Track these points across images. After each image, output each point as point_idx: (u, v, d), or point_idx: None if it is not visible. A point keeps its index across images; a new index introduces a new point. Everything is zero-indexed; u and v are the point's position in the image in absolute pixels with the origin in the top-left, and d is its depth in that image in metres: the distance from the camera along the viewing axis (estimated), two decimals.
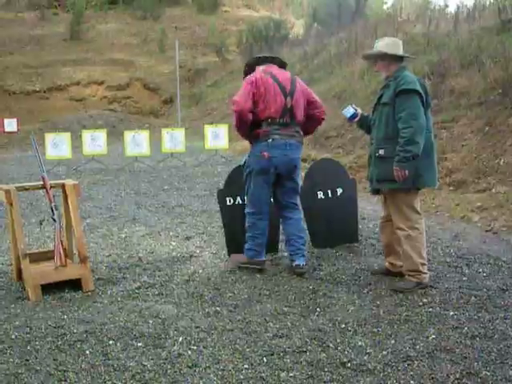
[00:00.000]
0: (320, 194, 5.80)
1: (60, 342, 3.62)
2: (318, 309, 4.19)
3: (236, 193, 5.40)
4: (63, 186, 4.71)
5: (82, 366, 3.31)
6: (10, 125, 20.11)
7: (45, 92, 27.55)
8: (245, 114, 4.75)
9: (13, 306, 4.32)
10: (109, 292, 4.57)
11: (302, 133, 5.01)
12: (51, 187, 4.58)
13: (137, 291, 4.59)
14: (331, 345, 3.57)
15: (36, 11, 36.02)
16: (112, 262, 5.42)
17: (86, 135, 13.24)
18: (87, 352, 3.48)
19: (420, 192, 4.74)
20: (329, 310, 4.18)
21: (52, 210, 4.54)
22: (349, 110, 4.94)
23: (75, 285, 4.61)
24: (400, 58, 4.64)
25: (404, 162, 4.30)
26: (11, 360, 3.39)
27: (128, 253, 5.75)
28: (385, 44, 4.61)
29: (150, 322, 3.94)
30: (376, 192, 4.83)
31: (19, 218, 4.55)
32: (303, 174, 5.88)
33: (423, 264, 4.58)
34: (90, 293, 4.54)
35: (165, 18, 36.07)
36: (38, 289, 4.44)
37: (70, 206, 4.65)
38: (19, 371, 3.25)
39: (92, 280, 4.65)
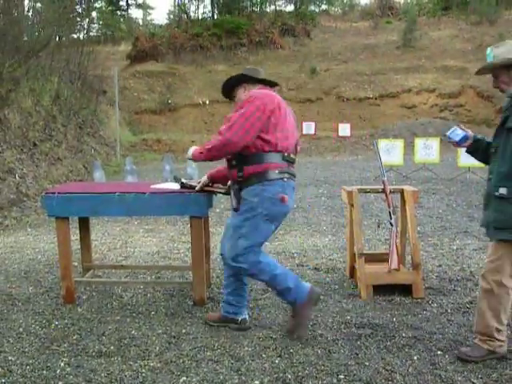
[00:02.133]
0: None
1: (389, 343, 3.72)
2: None
3: None
4: (402, 191, 4.82)
5: (409, 370, 3.34)
6: (344, 130, 21.31)
7: (376, 99, 28.31)
8: (235, 149, 3.67)
9: (345, 301, 4.59)
10: (438, 302, 4.52)
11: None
12: (391, 192, 4.72)
13: (467, 306, 4.44)
14: None
15: (369, 20, 37.48)
16: (443, 272, 5.35)
17: (419, 143, 13.31)
18: (415, 358, 3.51)
19: None
20: None
21: (390, 215, 4.66)
22: (456, 132, 3.80)
23: (405, 290, 4.68)
24: None
25: None
26: (342, 351, 3.61)
27: (459, 265, 5.60)
28: (507, 50, 3.48)
29: None
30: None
31: (359, 219, 4.80)
32: None
33: (499, 330, 3.51)
34: (419, 300, 4.56)
35: (502, 22, 34.03)
36: (370, 288, 4.63)
37: (408, 212, 4.72)
38: (349, 363, 3.44)
39: (422, 288, 4.66)
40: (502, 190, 3.40)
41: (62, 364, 3.45)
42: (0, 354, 3.59)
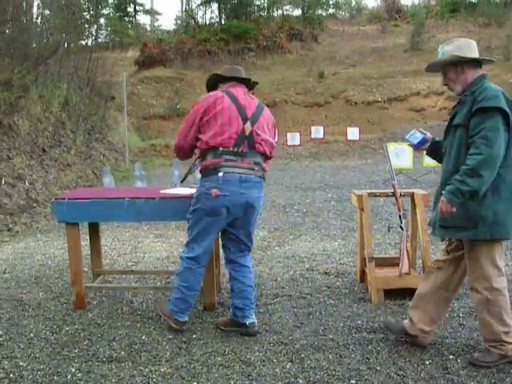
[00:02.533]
0: None
1: (400, 348, 3.70)
2: None
3: None
4: (412, 195, 4.80)
5: (421, 375, 3.33)
6: (353, 133, 21.28)
7: (384, 102, 28.23)
8: (185, 151, 4.02)
9: (355, 305, 4.58)
10: (450, 306, 4.47)
11: (264, 167, 3.99)
12: (401, 195, 4.70)
13: None
14: None
15: (377, 24, 37.45)
16: None
17: None
18: (427, 362, 3.50)
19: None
20: None
21: (400, 218, 4.65)
22: (415, 135, 3.81)
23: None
24: (477, 64, 3.51)
25: (456, 196, 3.24)
26: (353, 356, 3.60)
27: None
28: (456, 47, 3.48)
29: None
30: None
31: (369, 223, 4.79)
32: None
33: (507, 333, 3.45)
34: None
35: (510, 24, 33.86)
36: (381, 293, 4.62)
37: (418, 216, 4.71)
38: (360, 368, 3.43)
39: None
40: None
41: (73, 369, 3.45)
42: (11, 360, 3.60)
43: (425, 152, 3.91)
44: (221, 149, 3.78)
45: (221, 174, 3.76)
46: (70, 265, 4.54)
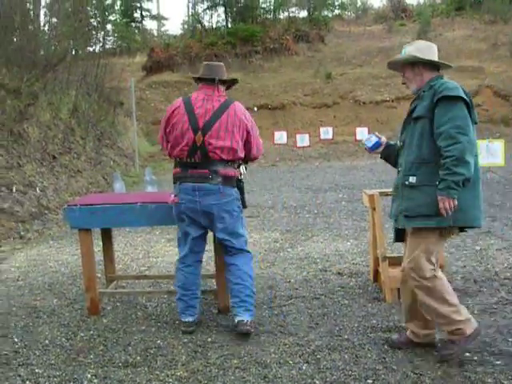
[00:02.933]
0: None
1: (416, 346, 3.67)
2: None
3: None
4: None
5: (438, 373, 3.30)
6: (362, 134, 21.20)
7: (393, 101, 28.14)
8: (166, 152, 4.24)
9: (370, 305, 4.56)
10: (464, 304, 4.42)
11: (227, 172, 3.96)
12: None
13: (494, 306, 4.39)
14: None
15: (383, 24, 37.37)
16: (467, 273, 5.29)
17: None
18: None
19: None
20: None
21: None
22: (371, 139, 3.92)
23: None
24: (435, 67, 3.61)
25: (453, 188, 3.24)
26: (369, 356, 3.58)
27: (484, 266, 5.54)
28: (416, 48, 3.59)
29: (510, 340, 3.73)
30: (399, 238, 3.74)
31: (381, 222, 4.77)
32: None
33: (456, 311, 3.46)
34: None
35: None
36: (395, 292, 4.59)
37: None
38: (376, 367, 3.41)
39: None
40: (412, 179, 3.45)
41: (89, 375, 3.45)
42: (27, 367, 3.61)
43: (379, 156, 4.03)
44: (178, 160, 4.02)
45: (177, 184, 4.01)
46: (84, 271, 4.55)
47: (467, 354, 3.52)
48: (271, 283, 5.29)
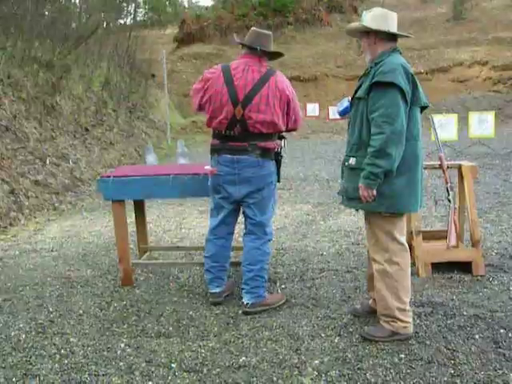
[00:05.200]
0: None
1: (449, 322, 3.64)
2: None
3: None
4: (460, 167, 4.67)
5: (472, 349, 3.26)
6: None
7: (427, 74, 27.59)
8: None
9: None
10: (499, 279, 4.40)
11: (265, 145, 3.86)
12: (448, 167, 4.58)
13: None
14: None
15: None
16: (503, 249, 5.19)
17: (473, 117, 12.91)
18: (476, 336, 3.43)
19: None
20: None
21: (447, 191, 4.53)
22: (343, 103, 3.73)
23: (464, 267, 4.57)
24: (392, 37, 3.43)
25: (372, 179, 3.18)
26: None
27: None
28: (370, 17, 3.39)
29: None
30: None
31: None
32: None
33: (401, 309, 3.42)
34: (479, 278, 4.45)
35: None
36: (429, 266, 4.54)
37: (466, 188, 4.59)
38: (409, 342, 3.38)
39: (483, 265, 4.53)
40: (352, 161, 3.39)
41: (123, 345, 3.50)
42: (62, 336, 3.67)
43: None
44: (216, 131, 3.93)
45: (216, 156, 3.93)
46: (117, 242, 4.58)
47: (502, 331, 3.47)
48: (303, 256, 5.27)
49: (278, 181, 4.11)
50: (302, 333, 3.56)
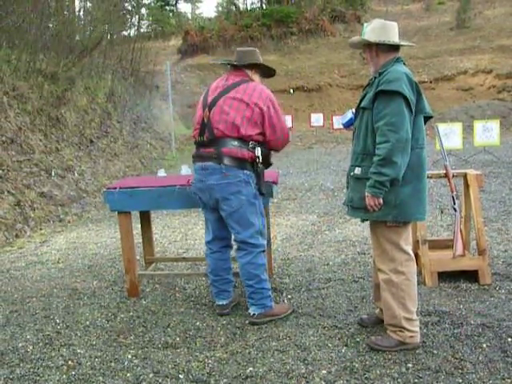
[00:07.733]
0: None
1: (456, 331, 3.62)
2: None
3: None
4: (465, 175, 4.67)
5: (479, 358, 3.24)
6: None
7: (431, 82, 27.69)
8: None
9: None
10: (506, 288, 4.38)
11: (229, 152, 3.75)
12: (453, 176, 4.58)
13: None
14: None
15: (421, 2, 36.71)
16: (509, 258, 5.17)
17: (478, 125, 12.91)
18: (484, 345, 3.40)
19: None
20: None
21: (453, 199, 4.53)
22: (346, 115, 3.76)
23: (470, 276, 4.56)
24: (393, 47, 3.44)
25: (378, 187, 3.18)
26: None
27: None
28: (370, 29, 3.40)
29: None
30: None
31: None
32: None
33: (408, 319, 3.40)
34: (486, 286, 4.43)
35: None
36: (435, 275, 4.53)
37: (472, 197, 4.58)
38: (417, 351, 3.36)
39: (489, 274, 4.52)
40: (357, 171, 3.39)
41: (130, 356, 3.50)
42: (69, 347, 3.67)
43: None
44: (194, 140, 3.98)
45: (193, 164, 3.98)
46: (123, 253, 4.59)
47: (509, 340, 3.45)
48: (309, 266, 5.27)
49: (262, 194, 3.94)
50: (309, 343, 3.56)
